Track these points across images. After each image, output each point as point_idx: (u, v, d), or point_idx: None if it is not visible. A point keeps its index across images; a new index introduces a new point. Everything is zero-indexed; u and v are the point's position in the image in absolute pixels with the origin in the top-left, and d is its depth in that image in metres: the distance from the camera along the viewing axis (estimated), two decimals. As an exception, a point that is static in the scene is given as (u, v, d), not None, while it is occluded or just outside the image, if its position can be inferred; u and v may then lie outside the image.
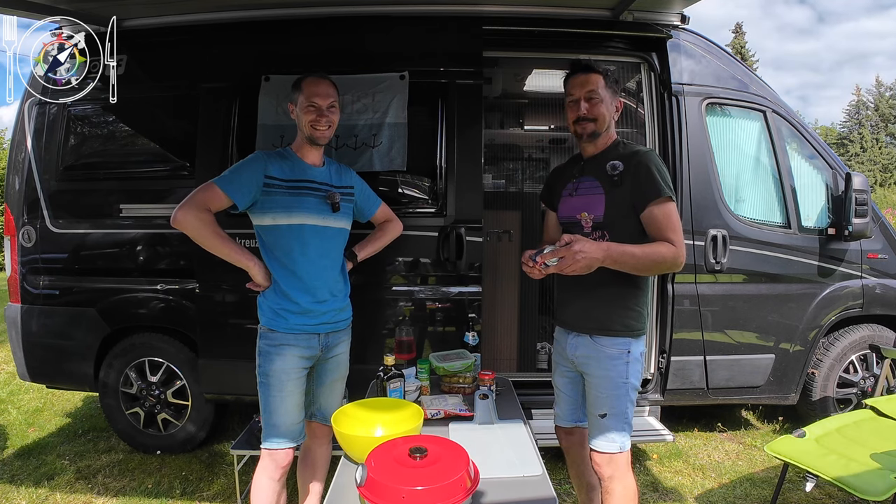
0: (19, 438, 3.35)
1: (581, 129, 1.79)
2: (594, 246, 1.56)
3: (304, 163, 1.94)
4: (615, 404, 1.73)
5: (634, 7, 2.68)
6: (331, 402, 2.05)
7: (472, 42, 2.72)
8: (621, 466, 1.74)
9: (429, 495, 1.14)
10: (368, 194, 2.17)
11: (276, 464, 1.89)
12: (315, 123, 1.89)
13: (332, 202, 1.94)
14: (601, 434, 1.75)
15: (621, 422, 1.73)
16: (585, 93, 1.75)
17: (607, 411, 1.73)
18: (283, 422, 1.88)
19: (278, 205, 1.86)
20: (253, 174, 1.83)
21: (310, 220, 1.89)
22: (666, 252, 1.62)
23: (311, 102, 1.89)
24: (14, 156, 3.05)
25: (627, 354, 1.73)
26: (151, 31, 2.82)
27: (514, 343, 3.63)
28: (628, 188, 1.70)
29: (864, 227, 2.94)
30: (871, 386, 3.13)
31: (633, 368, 1.74)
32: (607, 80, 1.77)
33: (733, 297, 2.94)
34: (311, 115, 1.89)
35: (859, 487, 1.89)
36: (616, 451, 1.73)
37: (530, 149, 4.78)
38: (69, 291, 2.96)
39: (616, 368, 1.73)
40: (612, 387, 1.73)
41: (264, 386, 1.88)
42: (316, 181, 1.94)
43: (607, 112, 1.77)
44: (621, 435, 1.74)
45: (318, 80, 1.93)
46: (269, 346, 1.88)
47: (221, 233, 1.82)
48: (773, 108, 3.07)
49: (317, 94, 1.89)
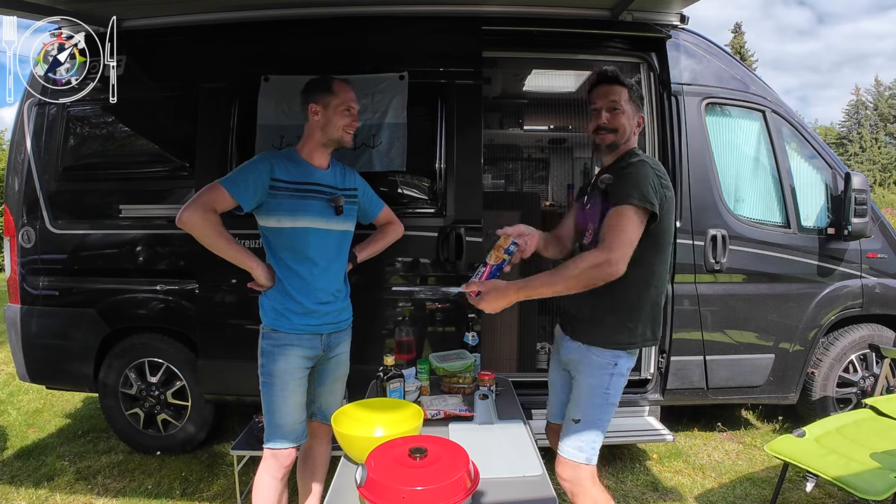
0: (19, 439, 3.35)
1: (600, 139, 1.77)
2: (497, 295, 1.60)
3: (310, 165, 1.94)
4: (590, 412, 1.70)
5: (634, 7, 2.68)
6: (331, 402, 2.06)
7: (471, 42, 2.72)
8: (585, 480, 1.70)
9: (429, 495, 1.14)
10: (371, 196, 2.17)
11: (280, 463, 1.89)
12: (349, 127, 1.93)
13: (336, 205, 1.94)
14: (571, 438, 1.72)
15: (593, 431, 1.70)
16: (608, 103, 1.73)
17: (581, 417, 1.71)
18: (287, 421, 1.88)
19: (283, 208, 1.86)
20: (259, 176, 1.83)
21: (314, 223, 1.89)
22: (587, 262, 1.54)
23: (349, 106, 1.93)
24: (14, 156, 3.05)
25: (614, 367, 1.71)
26: (151, 32, 2.82)
27: (514, 343, 3.63)
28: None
29: (864, 227, 2.94)
30: (871, 385, 3.13)
31: (615, 382, 1.71)
32: (632, 94, 1.75)
33: (733, 297, 2.94)
34: (347, 118, 1.92)
35: (859, 487, 1.89)
36: (582, 462, 1.69)
37: (530, 149, 4.79)
38: (69, 292, 2.96)
39: (600, 378, 1.71)
40: (591, 394, 1.71)
41: (267, 386, 1.88)
42: (321, 184, 1.93)
43: (628, 125, 1.75)
44: (590, 445, 1.70)
45: (348, 85, 1.97)
46: (273, 346, 1.88)
47: (226, 234, 1.82)
48: (773, 108, 3.07)
49: (353, 99, 1.95)
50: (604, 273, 1.53)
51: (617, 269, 1.53)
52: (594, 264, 1.53)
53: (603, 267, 1.53)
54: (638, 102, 1.78)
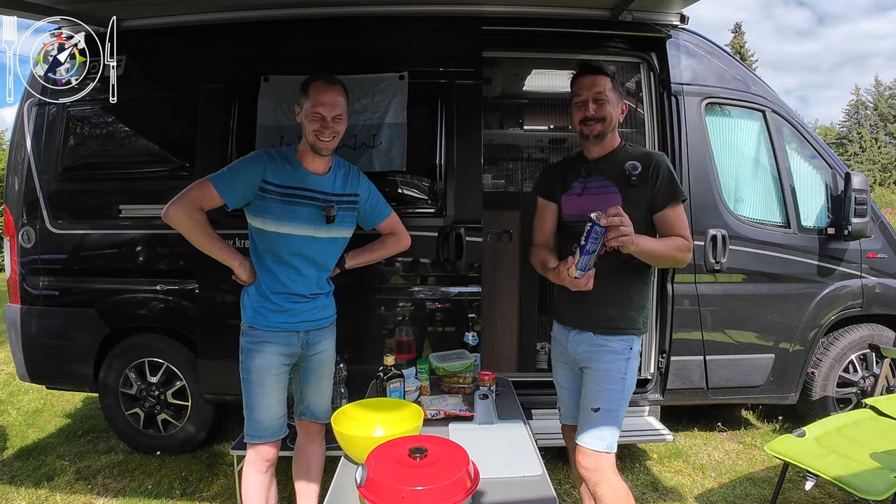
0: (19, 439, 3.35)
1: (588, 129, 1.79)
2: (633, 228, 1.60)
3: (305, 169, 1.88)
4: (610, 399, 1.73)
5: (634, 7, 2.68)
6: (318, 400, 2.06)
7: (471, 42, 2.72)
8: (607, 469, 1.71)
9: (429, 495, 1.14)
10: (376, 203, 2.07)
11: (261, 457, 1.92)
12: (319, 134, 1.81)
13: (328, 214, 1.87)
14: (591, 429, 1.72)
15: (613, 418, 1.72)
16: (593, 94, 1.76)
17: (601, 406, 1.72)
18: (264, 417, 1.90)
19: (269, 212, 1.83)
20: (249, 176, 1.81)
21: (301, 230, 1.85)
22: (682, 245, 1.72)
23: (317, 112, 1.80)
24: (14, 156, 3.05)
25: (629, 351, 1.76)
26: (151, 32, 2.82)
27: (514, 343, 3.63)
28: (647, 189, 1.74)
29: (864, 227, 2.93)
30: (871, 385, 3.13)
31: (632, 365, 1.76)
32: (614, 83, 1.80)
33: (733, 297, 2.94)
34: (315, 124, 1.80)
35: (859, 487, 1.89)
36: (603, 451, 1.70)
37: (530, 149, 4.77)
38: (69, 292, 2.96)
39: (616, 363, 1.74)
40: (609, 381, 1.74)
41: (246, 382, 1.91)
42: (314, 190, 1.88)
43: (614, 113, 1.79)
44: (611, 433, 1.72)
45: (327, 86, 1.82)
46: (250, 343, 1.90)
47: (210, 232, 1.83)
48: (773, 108, 3.07)
49: (322, 104, 1.80)
50: (685, 262, 1.75)
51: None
52: (686, 254, 1.73)
53: (688, 255, 1.74)
54: (620, 90, 1.83)
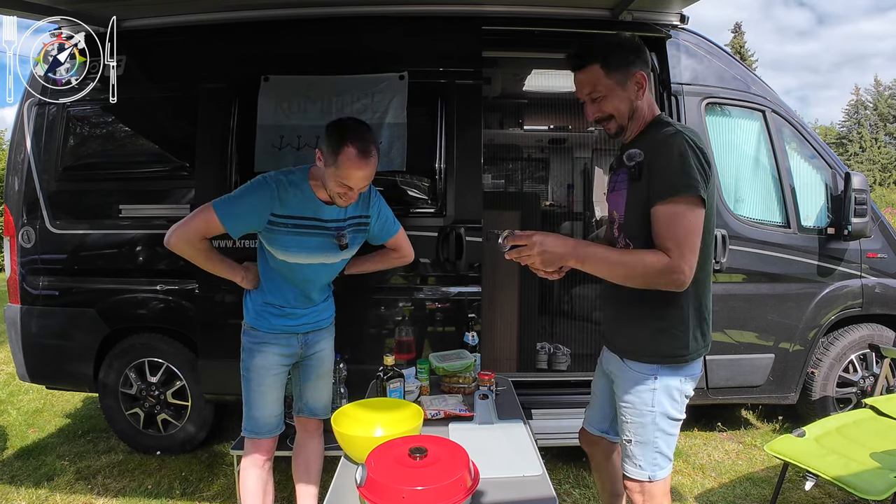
0: (19, 439, 3.35)
1: (606, 129, 1.58)
2: (559, 242, 1.35)
3: (317, 200, 1.82)
4: (640, 432, 1.53)
5: (634, 7, 2.68)
6: (317, 397, 2.10)
7: (471, 42, 2.72)
8: (655, 496, 1.55)
9: (429, 495, 1.14)
10: (385, 222, 2.04)
11: (258, 452, 1.97)
12: (342, 198, 1.76)
13: (340, 243, 1.86)
14: (628, 459, 1.58)
15: (649, 451, 1.53)
16: (587, 94, 1.54)
17: (632, 438, 1.56)
18: (262, 414, 1.96)
19: (279, 243, 1.82)
20: (256, 210, 1.76)
21: (311, 259, 1.86)
22: (652, 262, 1.33)
23: (347, 184, 1.71)
24: (13, 156, 3.05)
25: (654, 381, 1.49)
26: (151, 32, 2.82)
27: (514, 343, 3.62)
28: (646, 181, 1.42)
29: (864, 227, 2.93)
30: (871, 385, 3.12)
31: (659, 399, 1.49)
32: (610, 65, 1.48)
33: (733, 297, 2.94)
34: (341, 189, 1.73)
35: (859, 487, 1.89)
36: (644, 480, 1.54)
37: (530, 149, 4.78)
38: (69, 292, 2.96)
39: (640, 395, 1.52)
40: (636, 414, 1.53)
41: (246, 380, 1.97)
42: (326, 220, 1.84)
43: (621, 102, 1.51)
44: (650, 463, 1.53)
45: (362, 163, 1.67)
46: (251, 343, 1.95)
47: (212, 255, 1.88)
48: (773, 108, 3.07)
49: (354, 179, 1.69)
50: (672, 282, 1.34)
51: (687, 279, 1.33)
52: (662, 273, 1.32)
53: (671, 276, 1.32)
54: (622, 68, 1.49)
